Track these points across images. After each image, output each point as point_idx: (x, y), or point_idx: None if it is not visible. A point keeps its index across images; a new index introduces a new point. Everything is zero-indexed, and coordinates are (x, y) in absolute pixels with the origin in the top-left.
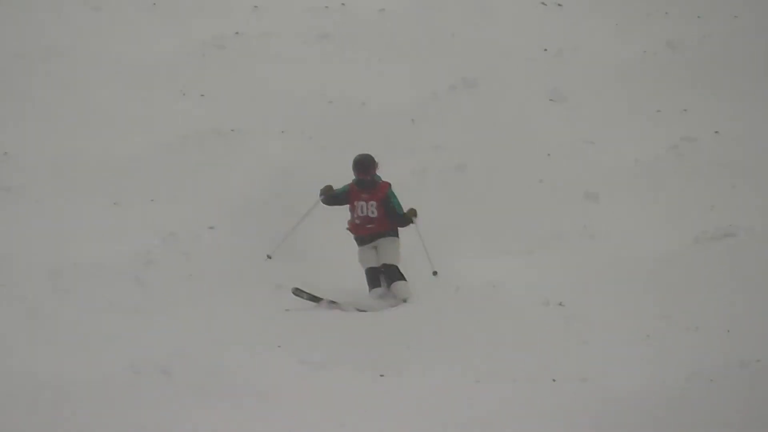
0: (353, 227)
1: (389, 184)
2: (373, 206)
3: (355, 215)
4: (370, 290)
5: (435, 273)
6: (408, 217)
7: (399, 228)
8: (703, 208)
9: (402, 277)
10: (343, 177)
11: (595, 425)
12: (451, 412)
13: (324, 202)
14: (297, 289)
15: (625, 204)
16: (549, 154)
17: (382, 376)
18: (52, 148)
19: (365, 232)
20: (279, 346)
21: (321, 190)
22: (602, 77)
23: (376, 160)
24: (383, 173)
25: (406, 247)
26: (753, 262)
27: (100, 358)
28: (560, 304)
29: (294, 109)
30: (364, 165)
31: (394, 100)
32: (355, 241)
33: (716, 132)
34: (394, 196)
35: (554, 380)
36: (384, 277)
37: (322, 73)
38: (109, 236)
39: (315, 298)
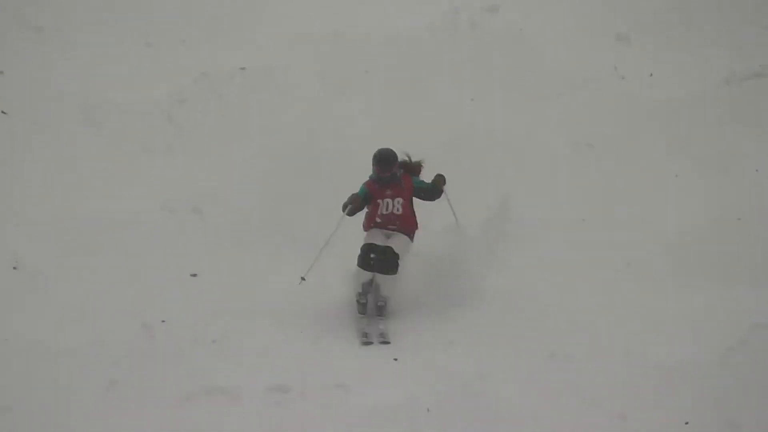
0: (373, 225)
1: (410, 177)
2: (399, 203)
3: (378, 213)
4: (358, 266)
5: (457, 221)
6: (438, 188)
7: (433, 200)
8: (733, 48)
9: (395, 269)
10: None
11: (622, 262)
12: None
13: (349, 214)
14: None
15: (656, 45)
16: None
17: None
18: None
19: (384, 228)
20: (306, 182)
21: (345, 203)
22: None
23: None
24: (413, 13)
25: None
26: None
27: (134, 196)
28: (589, 144)
29: None
30: (388, 161)
31: None
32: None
33: None
34: (418, 180)
35: (584, 220)
36: (377, 262)
37: None
38: (141, 76)
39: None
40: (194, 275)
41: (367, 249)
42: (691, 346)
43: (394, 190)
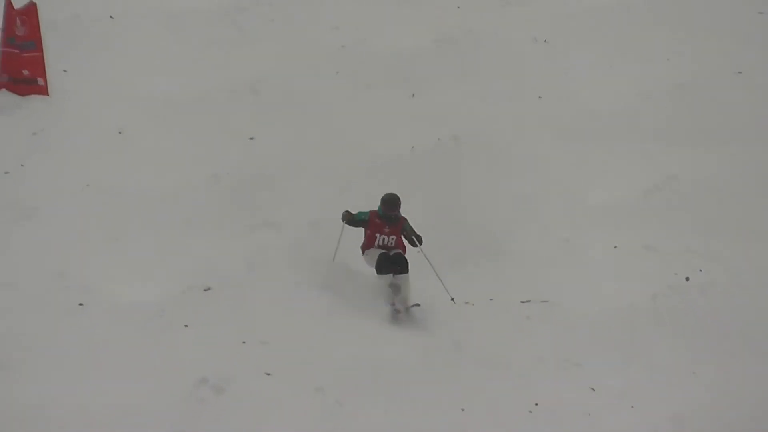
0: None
1: (405, 219)
2: (393, 239)
3: (375, 244)
4: (378, 274)
5: (452, 299)
6: (418, 241)
7: (412, 246)
8: None
9: (407, 269)
10: None
11: (575, 134)
12: None
13: (348, 224)
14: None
15: None
16: None
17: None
18: None
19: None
20: (336, 72)
21: (342, 216)
22: None
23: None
24: None
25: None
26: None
27: (204, 79)
28: (545, 41)
29: None
30: (395, 204)
31: None
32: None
33: None
34: (407, 223)
35: (540, 97)
36: (393, 265)
37: None
38: None
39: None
40: (252, 138)
41: (382, 257)
42: (619, 191)
43: (391, 229)
